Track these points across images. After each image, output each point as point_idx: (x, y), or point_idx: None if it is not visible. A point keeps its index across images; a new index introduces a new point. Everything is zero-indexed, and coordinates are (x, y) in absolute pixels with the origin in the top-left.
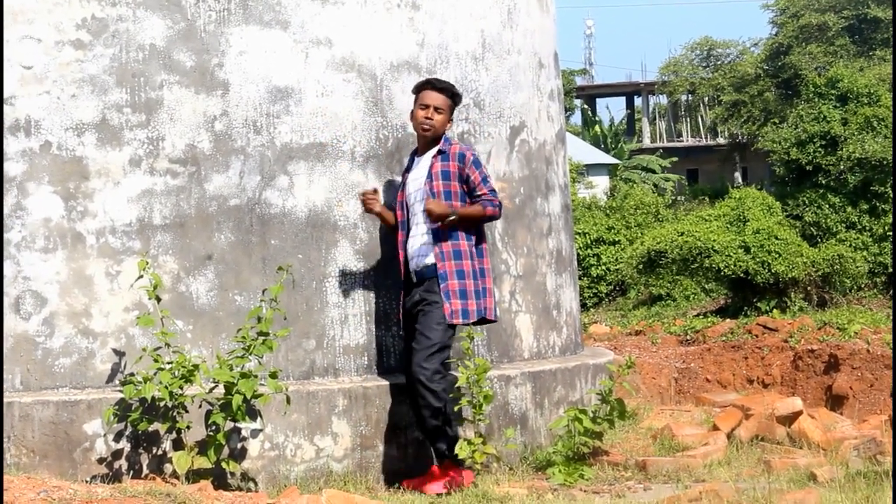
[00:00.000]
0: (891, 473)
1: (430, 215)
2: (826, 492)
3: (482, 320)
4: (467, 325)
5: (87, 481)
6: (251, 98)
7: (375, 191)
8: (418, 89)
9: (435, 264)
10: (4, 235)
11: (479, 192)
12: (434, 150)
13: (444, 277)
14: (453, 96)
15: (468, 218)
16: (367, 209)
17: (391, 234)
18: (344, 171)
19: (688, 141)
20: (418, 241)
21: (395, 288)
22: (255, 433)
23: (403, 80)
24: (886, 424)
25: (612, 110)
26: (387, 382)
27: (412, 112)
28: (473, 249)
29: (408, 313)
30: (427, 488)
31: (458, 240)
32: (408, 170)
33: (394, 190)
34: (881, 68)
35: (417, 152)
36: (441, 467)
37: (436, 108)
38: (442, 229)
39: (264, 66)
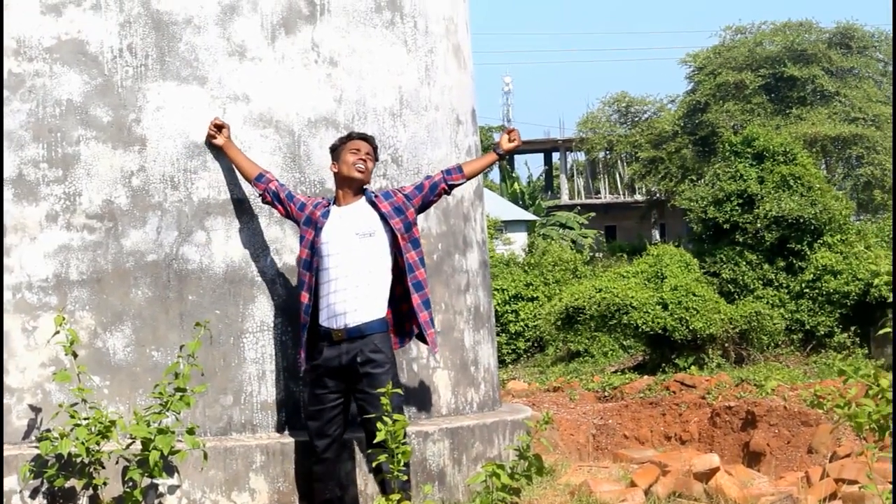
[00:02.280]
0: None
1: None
2: None
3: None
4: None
5: None
6: (168, 153)
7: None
8: (344, 140)
9: (378, 320)
10: None
11: (423, 181)
12: (363, 199)
13: (418, 309)
14: (376, 150)
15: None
16: (221, 143)
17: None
18: (262, 226)
19: (606, 197)
20: (351, 295)
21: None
22: (172, 489)
23: (321, 136)
24: (803, 481)
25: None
26: (304, 439)
27: (338, 161)
28: (422, 280)
29: (335, 370)
30: None
31: (414, 271)
32: (324, 215)
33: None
34: (797, 126)
35: (335, 202)
36: None
37: (367, 156)
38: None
39: (182, 121)
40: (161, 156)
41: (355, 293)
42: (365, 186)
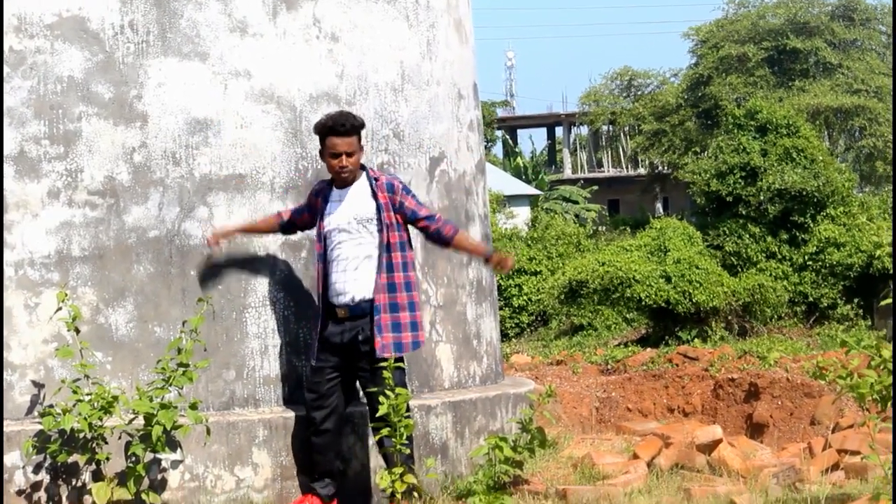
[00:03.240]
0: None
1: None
2: None
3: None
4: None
5: None
6: (170, 130)
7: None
8: (321, 136)
9: (371, 299)
10: None
11: (421, 215)
12: (363, 177)
13: (377, 310)
14: (357, 129)
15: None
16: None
17: (312, 264)
18: (263, 202)
19: (609, 171)
20: (348, 277)
21: (316, 318)
22: (175, 464)
23: (323, 111)
24: (805, 453)
25: (534, 141)
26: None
27: (321, 154)
28: (407, 282)
29: (336, 347)
30: None
31: (393, 272)
32: (325, 199)
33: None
34: (800, 99)
35: (335, 184)
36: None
37: (347, 154)
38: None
39: (183, 97)
40: (163, 132)
41: (355, 275)
42: (362, 165)
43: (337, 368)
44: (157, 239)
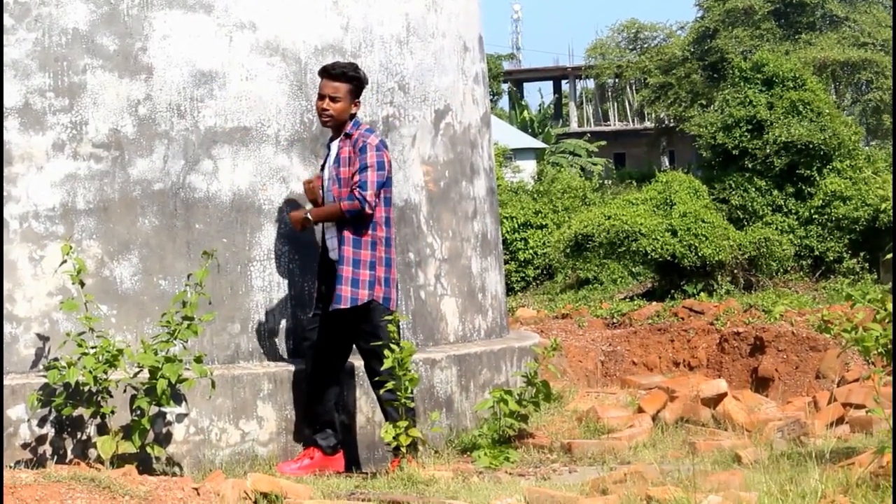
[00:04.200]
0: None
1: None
2: (750, 473)
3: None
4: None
5: (10, 467)
6: (175, 82)
7: (318, 177)
8: (319, 77)
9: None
10: None
11: (353, 181)
12: (342, 135)
13: (340, 262)
14: (351, 79)
15: (328, 217)
16: (311, 199)
17: None
18: (268, 154)
19: (615, 125)
20: (331, 228)
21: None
22: (179, 417)
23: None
24: (810, 406)
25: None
26: None
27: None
28: (373, 241)
29: (326, 296)
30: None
31: (362, 228)
32: (327, 155)
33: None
34: (806, 52)
35: (332, 137)
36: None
37: (331, 98)
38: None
39: (188, 50)
40: (167, 84)
41: (331, 228)
42: (355, 121)
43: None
44: (161, 192)
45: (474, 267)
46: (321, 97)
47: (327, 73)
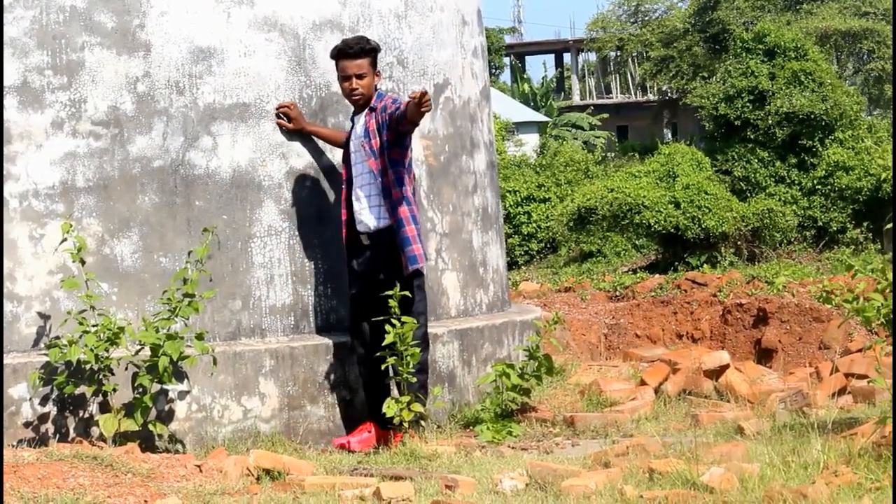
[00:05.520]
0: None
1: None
2: (753, 444)
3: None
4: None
5: (13, 445)
6: (173, 59)
7: (292, 105)
8: (335, 59)
9: (390, 225)
10: None
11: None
12: (367, 109)
13: (400, 224)
14: (369, 52)
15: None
16: (295, 127)
17: (318, 194)
18: (268, 130)
19: (617, 98)
20: (363, 206)
21: (322, 247)
22: (181, 395)
23: (326, 39)
24: (813, 377)
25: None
26: (314, 342)
27: (339, 81)
28: (412, 196)
29: (361, 274)
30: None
31: (404, 186)
32: (351, 125)
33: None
34: (808, 22)
35: (355, 112)
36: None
37: (357, 76)
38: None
39: (186, 26)
40: (166, 61)
41: (367, 202)
42: (377, 92)
43: (367, 296)
44: (161, 169)
45: (475, 241)
46: (347, 78)
47: (345, 54)
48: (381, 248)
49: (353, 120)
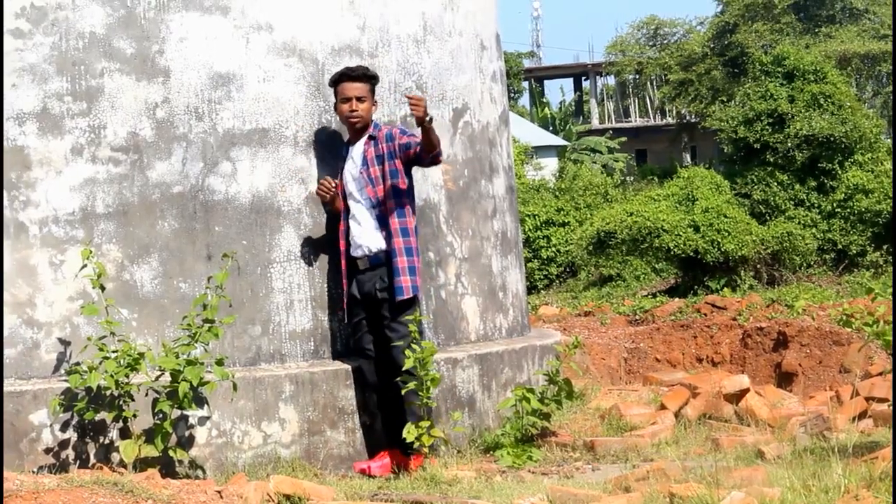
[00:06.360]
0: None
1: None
2: (773, 469)
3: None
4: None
5: (33, 472)
6: (192, 84)
7: (334, 183)
8: (335, 83)
9: (386, 250)
10: None
11: (412, 142)
12: (365, 138)
13: (394, 254)
14: (370, 79)
15: (430, 140)
16: (326, 201)
17: (337, 219)
18: (287, 156)
19: (636, 121)
20: (363, 230)
21: (341, 272)
22: (202, 420)
23: (345, 64)
24: (833, 401)
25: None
26: (333, 367)
27: (335, 106)
28: (414, 227)
29: (362, 299)
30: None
31: (405, 217)
32: (344, 159)
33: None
34: (827, 45)
35: (350, 142)
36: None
37: (357, 99)
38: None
39: (205, 52)
40: (185, 87)
41: (364, 228)
42: (374, 122)
43: (369, 321)
44: (181, 194)
45: (495, 266)
46: (347, 100)
47: (348, 76)
48: (378, 270)
49: (346, 150)
